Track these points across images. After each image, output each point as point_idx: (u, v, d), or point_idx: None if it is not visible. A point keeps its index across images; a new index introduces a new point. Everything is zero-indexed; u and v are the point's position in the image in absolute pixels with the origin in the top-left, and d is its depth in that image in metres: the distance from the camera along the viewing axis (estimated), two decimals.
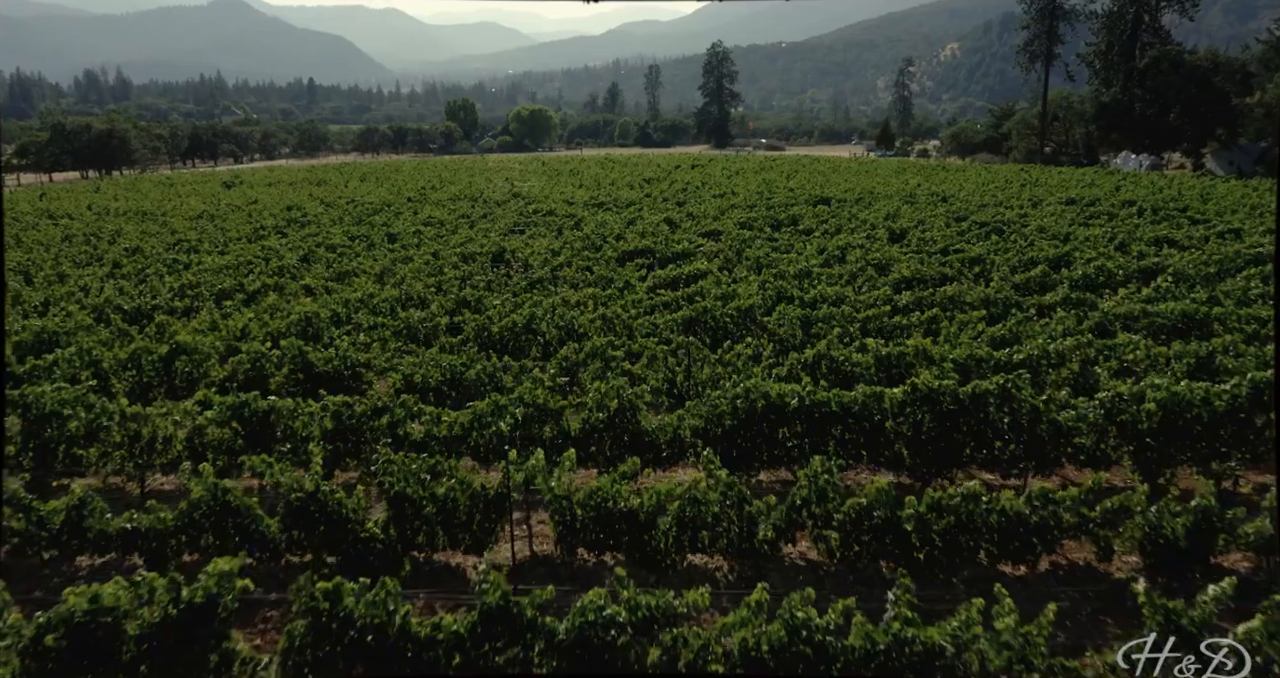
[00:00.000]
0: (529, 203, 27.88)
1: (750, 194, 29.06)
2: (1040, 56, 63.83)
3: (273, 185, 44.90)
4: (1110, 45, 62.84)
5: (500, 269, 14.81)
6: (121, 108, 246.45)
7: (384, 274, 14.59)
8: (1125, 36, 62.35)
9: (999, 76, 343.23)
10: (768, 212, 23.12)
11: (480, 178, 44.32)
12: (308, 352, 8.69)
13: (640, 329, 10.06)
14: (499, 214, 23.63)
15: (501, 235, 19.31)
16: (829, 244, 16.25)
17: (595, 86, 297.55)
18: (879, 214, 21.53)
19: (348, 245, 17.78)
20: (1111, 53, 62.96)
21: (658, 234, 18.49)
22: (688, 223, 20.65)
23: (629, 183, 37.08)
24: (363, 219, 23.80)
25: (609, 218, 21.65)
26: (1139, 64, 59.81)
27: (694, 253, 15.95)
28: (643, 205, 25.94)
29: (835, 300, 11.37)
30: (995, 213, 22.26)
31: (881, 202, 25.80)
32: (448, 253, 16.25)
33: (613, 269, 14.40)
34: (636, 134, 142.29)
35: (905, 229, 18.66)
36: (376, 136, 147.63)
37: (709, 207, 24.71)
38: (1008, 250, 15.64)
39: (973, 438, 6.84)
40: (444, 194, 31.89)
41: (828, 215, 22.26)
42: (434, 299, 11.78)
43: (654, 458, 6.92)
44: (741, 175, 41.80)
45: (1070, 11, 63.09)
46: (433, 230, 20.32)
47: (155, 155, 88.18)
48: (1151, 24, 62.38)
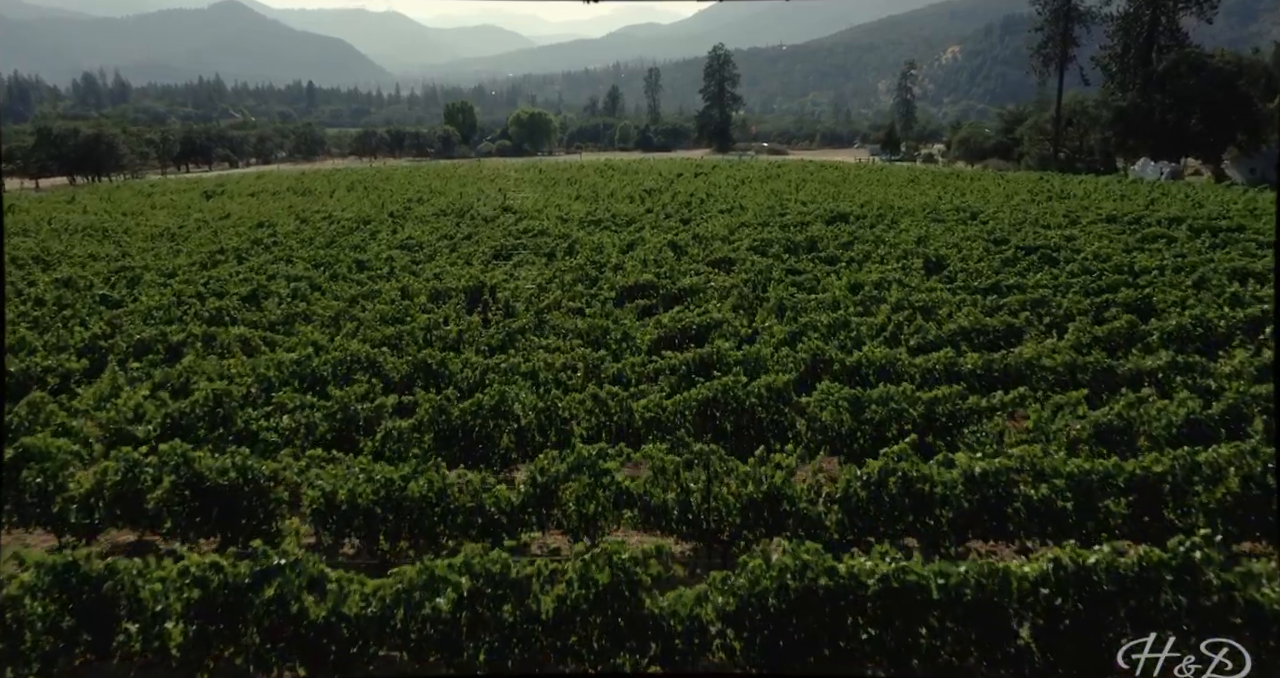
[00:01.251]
0: (520, 219, 25.66)
1: (760, 209, 26.84)
2: (1054, 60, 61.64)
3: (255, 195, 42.74)
4: (1126, 48, 60.73)
5: (477, 312, 12.57)
6: (119, 111, 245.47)
7: (339, 318, 12.37)
8: (1142, 39, 60.23)
9: (1000, 79, 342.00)
10: (782, 232, 20.89)
11: (472, 187, 42.12)
12: (195, 458, 6.46)
13: (643, 411, 7.82)
14: (484, 234, 21.41)
15: (484, 263, 17.08)
16: (860, 277, 14.03)
17: (595, 90, 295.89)
18: (908, 237, 19.29)
19: (307, 276, 15.55)
20: (1128, 56, 60.86)
21: (661, 262, 16.26)
22: (694, 247, 18.42)
23: (629, 194, 34.87)
24: (336, 239, 21.58)
25: (606, 240, 19.43)
26: (1156, 67, 57.63)
27: (703, 289, 13.72)
28: (643, 223, 23.72)
29: (885, 366, 9.14)
30: (1035, 234, 20.03)
31: (905, 219, 23.57)
32: (418, 288, 14.02)
33: (609, 311, 12.18)
34: (637, 138, 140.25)
35: (942, 256, 16.44)
36: (374, 140, 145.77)
37: (717, 225, 22.50)
38: (1070, 286, 13.41)
39: (1130, 623, 4.65)
40: (429, 208, 29.67)
41: (848, 236, 20.03)
42: (388, 361, 9.55)
43: (662, 652, 4.71)
44: (748, 185, 39.58)
45: (1085, 14, 60.88)
46: (408, 257, 18.09)
47: (144, 160, 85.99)
48: (1169, 26, 60.27)
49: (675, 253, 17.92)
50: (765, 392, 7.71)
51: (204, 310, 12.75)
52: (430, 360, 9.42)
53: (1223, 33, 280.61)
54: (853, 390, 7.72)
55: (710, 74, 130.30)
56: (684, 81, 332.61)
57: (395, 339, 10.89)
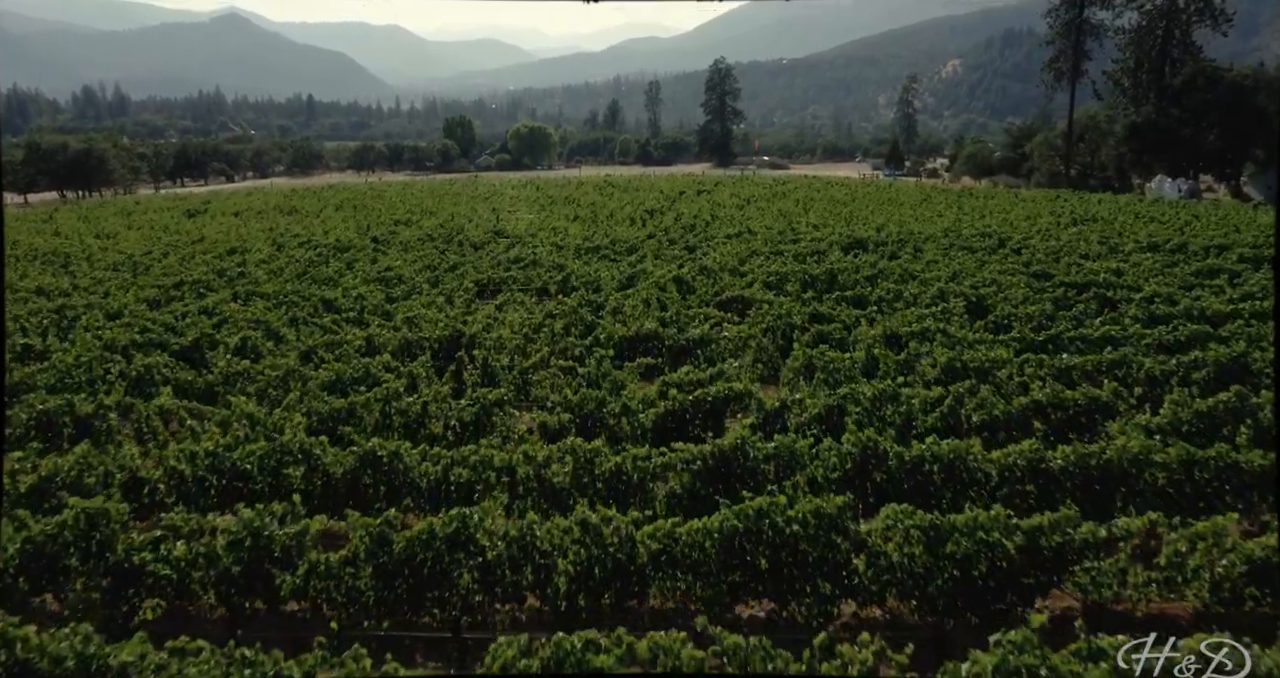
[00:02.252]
0: (511, 245, 23.83)
1: (769, 233, 25.00)
2: (1066, 74, 60.06)
3: (239, 215, 40.98)
4: (1140, 62, 59.23)
5: (449, 372, 10.66)
6: (118, 124, 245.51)
7: (289, 378, 10.47)
8: (1155, 53, 58.76)
9: (1000, 93, 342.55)
10: (797, 264, 19.03)
11: (465, 207, 40.33)
12: (18, 640, 4.55)
13: (648, 542, 5.90)
14: (471, 264, 19.53)
15: (466, 302, 15.18)
16: (896, 325, 12.13)
17: (596, 103, 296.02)
18: (939, 270, 17.41)
19: (264, 321, 13.66)
20: (1141, 70, 59.35)
21: (666, 303, 14.38)
22: (702, 282, 16.54)
23: (628, 215, 33.06)
24: (309, 270, 19.71)
25: (604, 273, 17.55)
26: (1172, 81, 56.07)
27: (715, 340, 11.82)
28: (645, 251, 21.86)
29: (954, 462, 7.23)
30: (1077, 267, 18.18)
31: (930, 247, 21.72)
32: (386, 339, 12.12)
33: (605, 371, 10.28)
34: (637, 152, 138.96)
35: (983, 297, 14.56)
36: (372, 154, 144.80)
37: (725, 254, 20.63)
38: (1143, 338, 11.52)
39: None
40: (417, 231, 27.83)
41: (870, 268, 18.16)
42: (328, 453, 7.63)
43: None
44: (754, 205, 37.79)
45: (1098, 26, 59.37)
46: (383, 293, 16.20)
47: (135, 175, 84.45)
48: (1183, 40, 58.78)
49: (680, 290, 16.04)
50: (811, 518, 5.79)
51: (131, 369, 10.85)
52: (381, 451, 7.50)
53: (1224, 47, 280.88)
54: (928, 517, 5.79)
55: (711, 87, 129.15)
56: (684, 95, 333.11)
57: (346, 413, 8.98)
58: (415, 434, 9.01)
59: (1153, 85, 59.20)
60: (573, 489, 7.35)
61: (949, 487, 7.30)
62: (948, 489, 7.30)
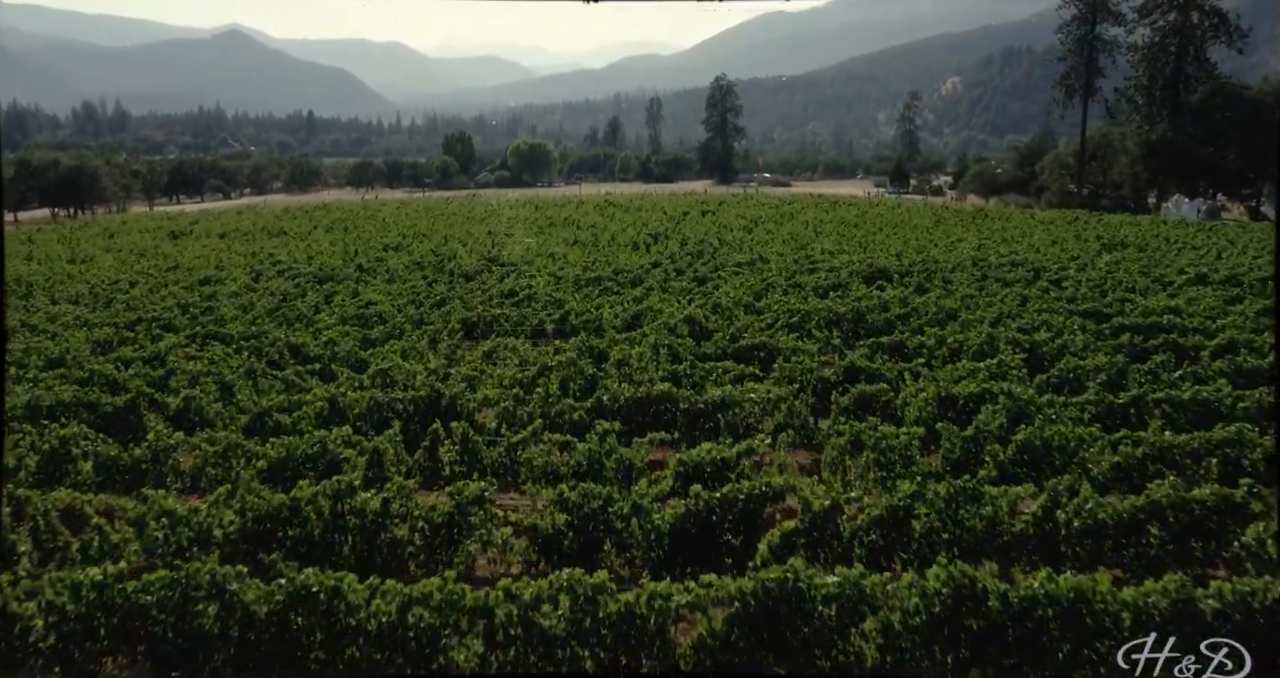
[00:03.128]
0: (506, 274, 22.14)
1: (783, 261, 23.31)
2: (1078, 91, 58.72)
3: (224, 236, 39.40)
4: (1153, 79, 57.99)
5: (423, 449, 8.87)
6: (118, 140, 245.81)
7: (230, 455, 8.71)
8: (1169, 70, 57.52)
9: (1000, 110, 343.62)
10: (819, 300, 17.31)
11: (461, 228, 38.70)
12: None
13: None
14: (460, 301, 17.80)
15: (451, 349, 13.41)
16: (946, 382, 10.39)
17: (596, 120, 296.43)
18: (981, 311, 15.68)
19: (216, 373, 11.90)
20: (1154, 87, 58.11)
21: (678, 351, 12.63)
22: (716, 323, 14.80)
23: (631, 239, 31.41)
24: (282, 305, 17.97)
25: (606, 312, 15.81)
26: (1187, 99, 54.73)
27: (738, 403, 10.06)
28: (650, 282, 20.14)
29: (1075, 604, 5.45)
30: (1129, 304, 16.47)
31: (960, 278, 20.02)
32: (353, 401, 10.37)
33: (609, 448, 8.52)
34: (638, 169, 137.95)
35: (1037, 344, 12.82)
36: (370, 171, 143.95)
37: (739, 287, 18.92)
38: (1241, 399, 9.77)
39: None
40: (406, 258, 26.14)
41: (900, 305, 16.44)
42: (249, 589, 5.83)
43: None
44: (762, 227, 36.16)
45: (1110, 42, 58.11)
46: (359, 335, 14.44)
47: (127, 193, 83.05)
48: (1197, 57, 57.57)
49: (693, 333, 14.30)
50: None
51: (43, 443, 9.08)
52: (319, 587, 5.71)
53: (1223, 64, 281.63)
54: None
55: (713, 104, 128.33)
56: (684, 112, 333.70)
57: (288, 512, 7.20)
58: (374, 540, 7.22)
59: (1166, 103, 57.93)
60: (570, 638, 5.57)
61: (1067, 637, 5.51)
62: (1065, 640, 5.52)
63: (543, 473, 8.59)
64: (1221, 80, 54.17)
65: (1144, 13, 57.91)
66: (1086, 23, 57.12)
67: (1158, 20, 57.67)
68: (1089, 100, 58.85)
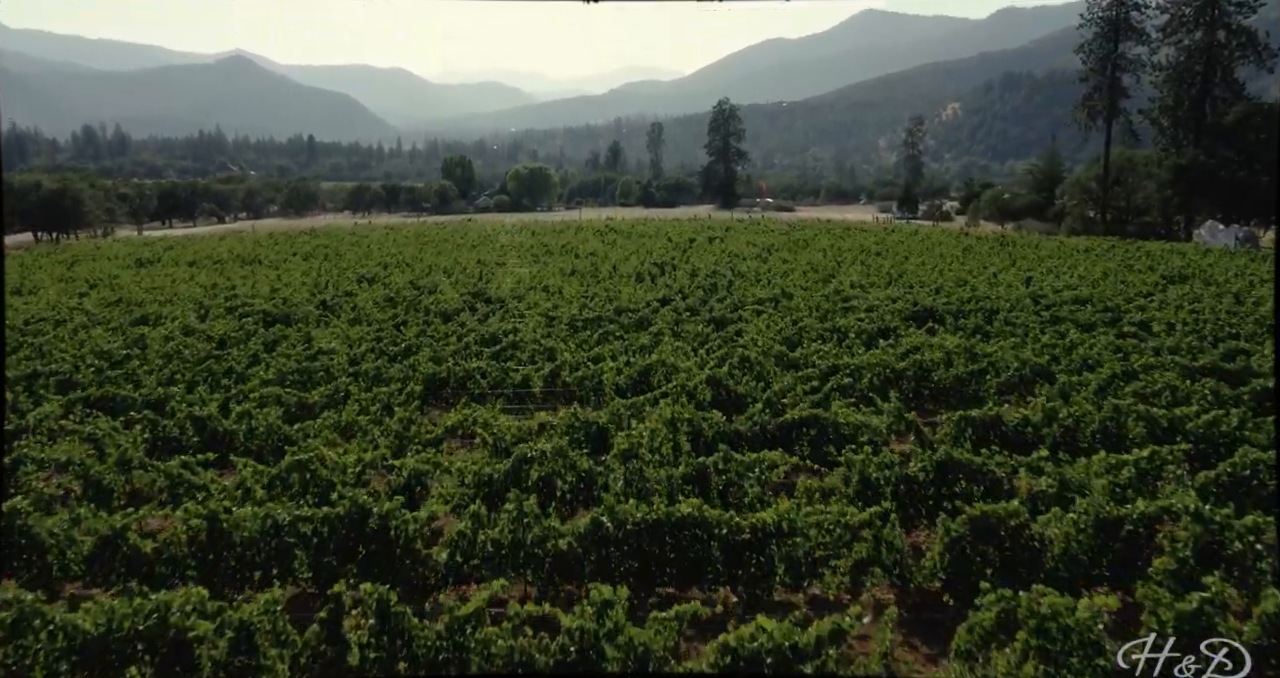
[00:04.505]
0: (491, 312, 19.05)
1: (811, 298, 20.21)
2: (1101, 112, 56.14)
3: (194, 264, 36.41)
4: (1179, 100, 55.45)
5: (317, 624, 5.68)
6: (116, 163, 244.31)
7: (20, 629, 5.53)
8: (1195, 91, 55.00)
9: (1001, 136, 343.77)
10: (865, 351, 14.17)
11: (449, 257, 35.69)
12: None
13: None
14: (429, 350, 14.64)
15: (403, 425, 10.22)
16: (1095, 494, 7.24)
17: (597, 144, 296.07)
18: (1080, 373, 12.54)
19: (82, 464, 8.75)
20: (1180, 108, 55.56)
21: (702, 432, 9.48)
22: (749, 387, 11.64)
23: (635, 269, 28.37)
24: (214, 355, 14.84)
25: (608, 369, 12.67)
26: (1217, 120, 52.12)
27: (801, 529, 6.88)
28: (659, 324, 17.02)
29: None
30: (1241, 352, 13.37)
31: (1023, 320, 16.90)
32: (238, 519, 7.19)
33: (617, 622, 5.34)
34: (639, 193, 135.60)
35: (1178, 420, 9.68)
36: (368, 195, 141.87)
37: (768, 331, 15.79)
38: None
39: None
40: (381, 292, 23.03)
41: (965, 357, 13.33)
42: None
43: None
44: (777, 256, 33.16)
45: (1134, 61, 55.65)
46: (286, 404, 11.27)
47: (110, 216, 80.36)
48: (1224, 77, 55.08)
49: (720, 398, 11.16)
50: None
51: None
52: None
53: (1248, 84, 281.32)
54: None
55: (715, 128, 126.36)
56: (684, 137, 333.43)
57: None
58: None
59: (1192, 124, 55.41)
60: None
61: None
62: None
63: (508, 665, 5.41)
64: (1252, 102, 51.63)
65: (1168, 31, 55.53)
66: (1109, 41, 54.66)
67: (1183, 39, 55.29)
68: (1112, 122, 56.26)
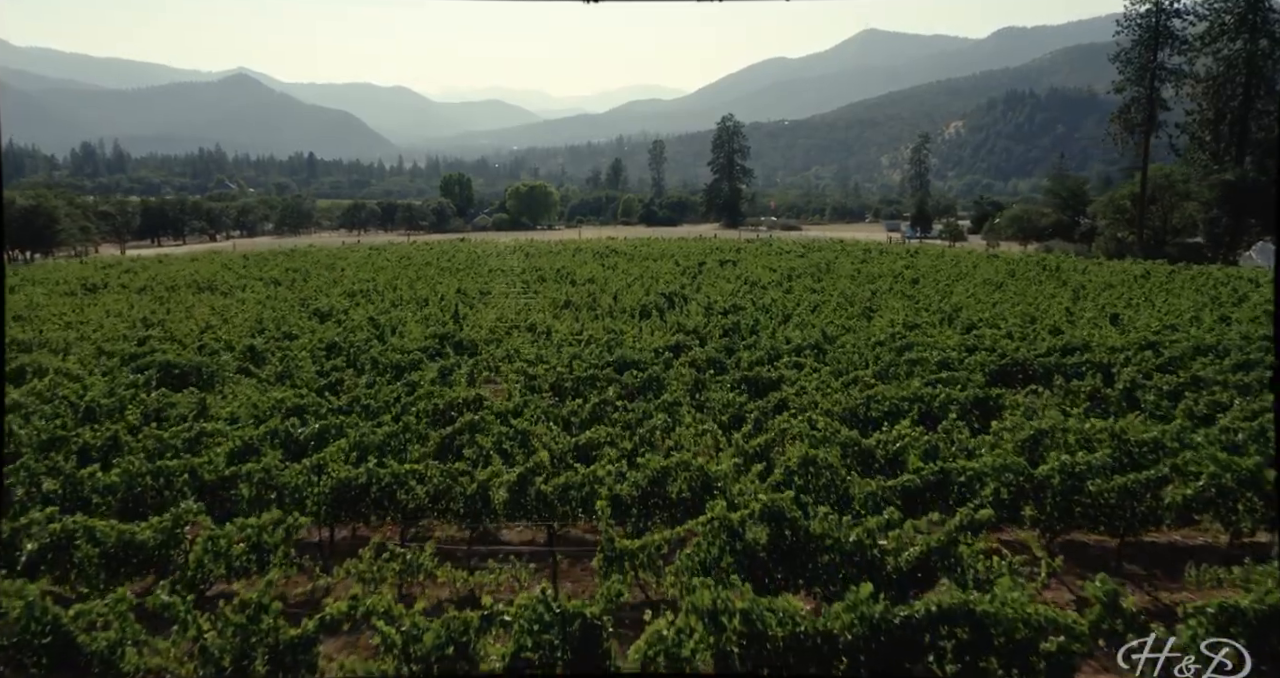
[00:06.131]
0: (456, 365, 14.87)
1: (865, 350, 16.02)
2: (1139, 126, 52.31)
3: (142, 291, 32.38)
4: (1220, 114, 51.68)
5: None
6: (113, 180, 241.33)
7: None
8: (1236, 103, 51.24)
9: (1005, 154, 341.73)
10: (967, 434, 9.98)
11: (427, 284, 31.61)
12: None
13: None
14: (353, 432, 10.40)
15: (249, 620, 6.02)
16: None
17: (598, 162, 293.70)
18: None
19: None
20: (1222, 123, 51.76)
21: (767, 632, 5.28)
22: (828, 522, 7.43)
23: (640, 301, 24.26)
24: (76, 429, 10.66)
25: (605, 478, 8.49)
26: (1271, 135, 48.27)
27: None
28: (676, 388, 12.84)
29: None
30: None
31: (1166, 384, 12.72)
32: None
33: None
34: (641, 211, 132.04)
35: None
36: (364, 213, 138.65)
37: (827, 401, 11.62)
38: None
39: None
40: (326, 334, 18.83)
41: (1111, 442, 9.19)
42: None
43: None
44: (801, 284, 29.05)
45: (1175, 72, 51.91)
46: (91, 564, 7.08)
47: (85, 235, 76.54)
48: (1267, 89, 51.35)
49: (781, 544, 6.94)
50: None
51: None
52: None
53: None
54: None
55: (719, 145, 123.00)
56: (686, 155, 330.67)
57: None
58: None
59: (1234, 139, 51.62)
60: None
61: None
62: None
63: None
64: None
65: (1207, 40, 51.88)
66: (1149, 49, 50.90)
67: (1222, 49, 51.63)
68: (1150, 136, 52.44)
